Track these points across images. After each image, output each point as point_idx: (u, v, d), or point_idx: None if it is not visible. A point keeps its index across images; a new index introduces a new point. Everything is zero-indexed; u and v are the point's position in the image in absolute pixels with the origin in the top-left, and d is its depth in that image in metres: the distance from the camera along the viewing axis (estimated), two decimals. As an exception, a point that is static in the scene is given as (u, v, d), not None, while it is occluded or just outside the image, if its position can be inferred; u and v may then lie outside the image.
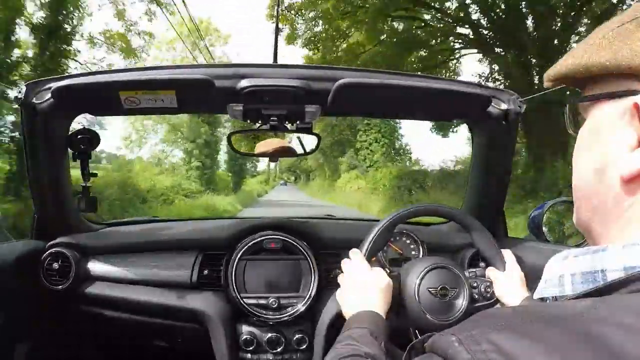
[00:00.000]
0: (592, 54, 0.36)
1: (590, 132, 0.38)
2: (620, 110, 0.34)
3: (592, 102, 0.37)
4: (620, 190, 0.34)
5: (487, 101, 1.03)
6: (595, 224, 0.38)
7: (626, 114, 0.34)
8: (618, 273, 0.31)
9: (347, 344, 0.64)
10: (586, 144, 0.38)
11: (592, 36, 0.37)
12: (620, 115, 0.34)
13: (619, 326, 0.26)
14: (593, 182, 0.37)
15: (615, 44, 0.34)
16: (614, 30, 0.35)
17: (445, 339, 0.30)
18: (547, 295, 0.37)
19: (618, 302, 0.29)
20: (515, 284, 0.87)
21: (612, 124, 0.35)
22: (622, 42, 0.34)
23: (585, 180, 0.38)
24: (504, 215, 1.30)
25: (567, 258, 0.36)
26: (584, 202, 0.39)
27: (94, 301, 1.15)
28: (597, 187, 0.37)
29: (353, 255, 0.84)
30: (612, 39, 0.34)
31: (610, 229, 0.36)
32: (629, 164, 0.33)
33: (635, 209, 0.34)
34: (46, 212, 1.14)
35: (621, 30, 0.34)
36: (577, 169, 0.40)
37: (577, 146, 0.40)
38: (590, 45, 0.36)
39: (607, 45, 0.34)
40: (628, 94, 0.34)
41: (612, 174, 0.35)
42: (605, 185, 0.36)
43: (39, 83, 0.96)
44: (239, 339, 1.12)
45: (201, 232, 1.30)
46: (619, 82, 0.35)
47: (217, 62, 17.14)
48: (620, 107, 0.34)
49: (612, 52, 0.34)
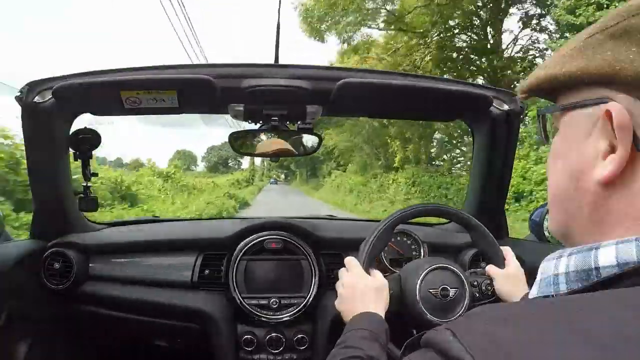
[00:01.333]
0: (564, 64, 0.37)
1: (564, 141, 0.39)
2: (592, 118, 0.35)
3: (564, 111, 0.38)
4: (597, 196, 0.35)
5: (488, 102, 1.03)
6: (572, 229, 0.39)
7: (598, 122, 0.35)
8: (612, 269, 0.32)
9: (348, 346, 0.65)
10: (560, 152, 0.39)
11: (563, 47, 0.38)
12: (593, 123, 0.35)
13: (612, 318, 0.26)
14: (568, 189, 0.38)
15: (586, 53, 0.35)
16: (584, 40, 0.36)
17: (439, 333, 0.30)
18: (543, 294, 0.37)
19: (613, 296, 0.29)
20: (516, 280, 0.87)
21: (585, 131, 0.36)
22: (592, 51, 0.35)
23: (561, 188, 0.39)
24: (505, 216, 1.30)
25: (561, 257, 0.37)
26: (560, 208, 0.40)
27: (94, 301, 1.15)
28: (573, 193, 0.37)
29: (348, 264, 0.84)
30: (582, 49, 0.35)
31: (588, 234, 0.36)
32: (603, 169, 0.34)
33: (613, 214, 0.34)
34: (47, 212, 1.14)
35: (591, 40, 0.35)
36: (552, 177, 0.41)
37: (551, 155, 0.41)
38: (562, 56, 0.37)
39: (578, 55, 0.36)
40: (599, 102, 0.35)
41: (587, 180, 0.36)
42: (581, 192, 0.36)
43: (40, 82, 0.96)
44: (239, 339, 1.12)
45: (202, 232, 1.30)
46: (590, 90, 0.35)
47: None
48: (592, 114, 0.35)
49: (583, 61, 0.35)
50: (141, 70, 0.97)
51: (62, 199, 1.14)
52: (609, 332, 0.25)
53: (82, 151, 1.12)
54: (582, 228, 0.37)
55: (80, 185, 1.15)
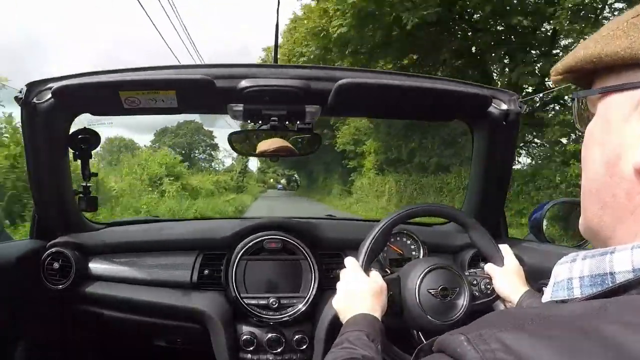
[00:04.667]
0: (606, 44, 0.35)
1: (601, 126, 0.37)
2: (633, 101, 0.34)
3: (602, 95, 0.37)
4: (633, 182, 0.33)
5: (487, 101, 1.03)
6: (604, 223, 0.37)
7: (638, 106, 0.33)
8: (627, 275, 0.31)
9: (344, 347, 0.65)
10: (596, 138, 0.38)
11: (604, 28, 0.36)
12: (634, 107, 0.34)
13: (627, 326, 0.25)
14: (604, 177, 0.36)
15: (631, 34, 0.33)
16: (629, 21, 0.34)
17: (454, 338, 0.30)
18: (556, 299, 0.36)
19: (627, 303, 0.28)
20: (514, 278, 0.87)
21: (624, 116, 0.34)
22: (638, 32, 0.33)
23: (596, 176, 0.37)
24: (504, 215, 1.30)
25: (575, 261, 0.35)
26: (594, 199, 0.38)
27: (94, 301, 1.15)
28: (608, 181, 0.36)
29: (348, 263, 0.84)
30: (627, 30, 0.34)
31: (622, 225, 0.35)
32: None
33: None
34: (47, 212, 1.14)
35: (636, 21, 0.34)
36: (586, 165, 0.39)
37: (586, 143, 0.39)
38: (603, 37, 0.36)
39: (623, 35, 0.34)
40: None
41: (624, 166, 0.34)
42: (617, 179, 0.35)
43: (39, 83, 0.96)
44: (239, 339, 1.12)
45: (202, 232, 1.30)
46: (631, 73, 0.34)
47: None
48: (632, 97, 0.34)
49: (628, 41, 0.33)
50: (140, 70, 0.97)
51: (61, 198, 1.14)
52: (627, 341, 0.24)
53: (81, 151, 1.12)
54: (616, 219, 0.36)
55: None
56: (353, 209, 15.33)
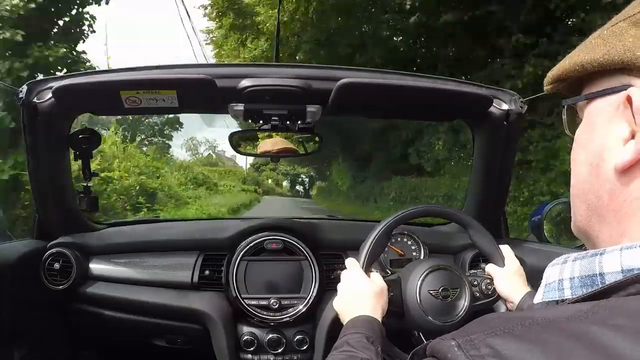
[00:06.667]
0: (587, 52, 0.37)
1: (587, 129, 0.39)
2: (613, 104, 0.35)
3: (588, 101, 0.38)
4: (615, 183, 0.35)
5: (488, 101, 1.03)
6: (592, 223, 0.38)
7: (619, 107, 0.35)
8: (616, 276, 0.32)
9: (344, 350, 0.65)
10: (582, 141, 0.39)
11: (589, 38, 0.39)
12: (614, 109, 0.35)
13: (616, 329, 0.26)
14: (589, 178, 0.37)
15: (610, 41, 0.35)
16: (608, 29, 0.36)
17: (445, 343, 0.30)
18: (548, 300, 0.37)
19: (616, 305, 0.29)
20: (515, 279, 0.87)
21: (606, 118, 0.36)
22: (615, 39, 0.35)
23: (582, 177, 0.39)
24: (505, 216, 1.30)
25: (566, 262, 0.36)
26: (582, 201, 0.39)
27: (94, 301, 1.15)
28: (592, 182, 0.37)
29: (348, 264, 0.84)
30: (606, 38, 0.36)
31: (608, 225, 0.36)
32: (622, 155, 0.34)
33: (631, 202, 0.34)
34: (47, 212, 1.14)
35: (615, 28, 0.35)
36: (574, 168, 0.40)
37: (574, 147, 0.41)
38: (587, 45, 0.38)
39: (602, 43, 0.36)
40: (621, 89, 0.35)
41: (607, 167, 0.35)
42: (600, 180, 0.36)
43: (40, 82, 0.96)
44: (239, 340, 1.12)
45: (202, 233, 1.30)
46: (612, 78, 0.36)
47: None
48: (613, 101, 0.35)
49: (607, 48, 0.35)
50: (141, 70, 0.97)
51: (62, 199, 1.14)
52: (615, 344, 0.25)
53: (82, 151, 1.12)
54: (601, 220, 0.37)
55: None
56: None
